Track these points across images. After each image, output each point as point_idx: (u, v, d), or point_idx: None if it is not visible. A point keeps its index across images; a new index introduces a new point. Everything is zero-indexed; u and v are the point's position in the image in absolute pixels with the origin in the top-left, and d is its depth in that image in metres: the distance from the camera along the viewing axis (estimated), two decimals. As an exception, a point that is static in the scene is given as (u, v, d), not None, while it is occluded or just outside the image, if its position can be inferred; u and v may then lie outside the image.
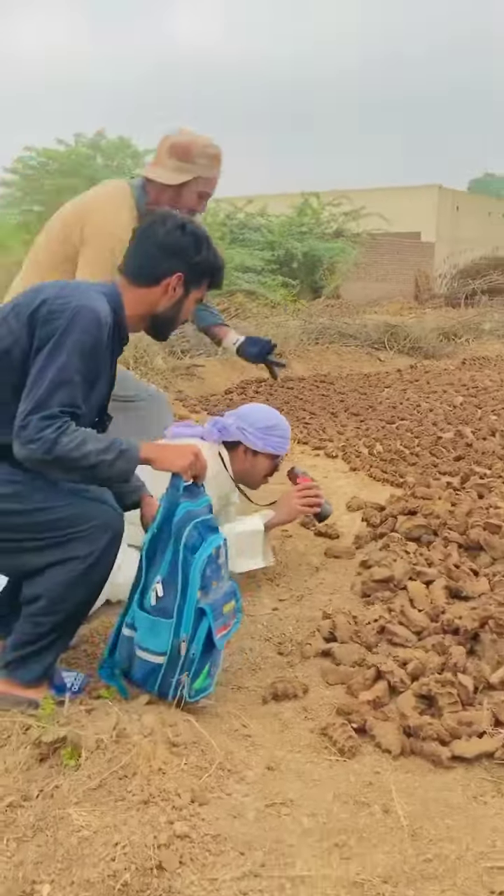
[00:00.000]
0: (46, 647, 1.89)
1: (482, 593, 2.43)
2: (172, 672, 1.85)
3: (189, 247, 2.01)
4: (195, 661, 1.85)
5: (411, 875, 1.47)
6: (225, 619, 1.95)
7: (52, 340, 1.81)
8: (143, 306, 2.02)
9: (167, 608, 1.86)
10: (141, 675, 1.89)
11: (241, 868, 1.45)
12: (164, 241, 1.99)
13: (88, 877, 1.42)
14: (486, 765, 1.79)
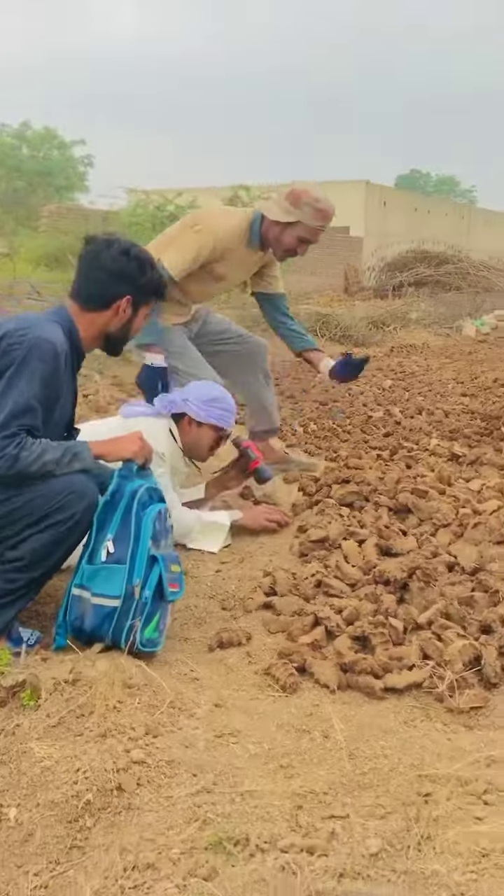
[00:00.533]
0: (12, 601, 1.99)
1: (410, 550, 2.60)
2: (126, 616, 1.96)
3: (135, 271, 2.17)
4: (147, 605, 1.97)
5: (349, 786, 1.62)
6: (173, 578, 2.08)
7: (12, 369, 1.98)
8: (96, 328, 2.19)
9: (120, 557, 2.00)
10: (96, 622, 1.99)
11: (194, 786, 1.57)
12: (111, 268, 2.15)
13: (53, 798, 1.53)
14: (415, 694, 1.96)
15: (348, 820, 1.50)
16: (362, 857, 1.39)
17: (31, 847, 1.47)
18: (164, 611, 2.08)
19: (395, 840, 1.44)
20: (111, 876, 1.34)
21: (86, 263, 2.18)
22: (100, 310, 2.16)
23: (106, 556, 2.02)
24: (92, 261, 2.17)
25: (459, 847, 1.42)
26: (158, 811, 1.51)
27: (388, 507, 2.96)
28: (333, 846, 1.41)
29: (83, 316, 2.16)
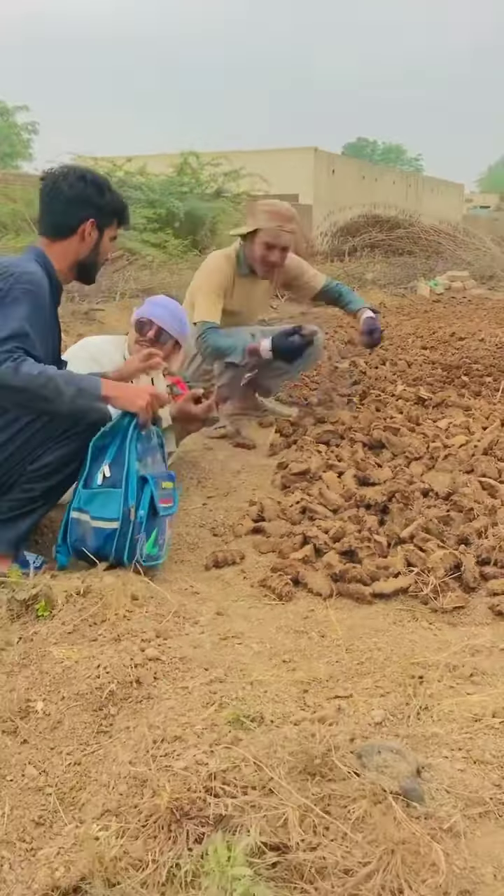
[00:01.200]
0: (27, 513, 2.10)
1: (387, 480, 2.75)
2: (125, 536, 2.06)
3: (94, 194, 2.25)
4: (143, 524, 2.07)
5: (349, 674, 1.77)
6: (165, 494, 2.18)
7: (8, 298, 2.04)
8: (69, 257, 2.26)
9: (116, 482, 2.09)
10: (99, 543, 2.08)
11: (207, 677, 1.70)
12: (70, 195, 2.23)
13: (77, 690, 1.64)
14: (401, 598, 2.11)
15: (352, 699, 1.65)
16: (368, 725, 1.54)
17: (60, 733, 1.58)
18: (161, 526, 2.17)
19: (396, 711, 1.59)
20: (142, 748, 1.46)
21: (46, 196, 2.26)
22: (67, 237, 2.24)
23: (102, 479, 2.10)
24: (51, 192, 2.24)
25: (454, 715, 1.58)
26: (177, 698, 1.63)
27: (362, 443, 3.10)
28: (341, 718, 1.56)
29: (53, 248, 2.24)
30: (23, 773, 1.49)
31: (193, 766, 1.38)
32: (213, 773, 1.36)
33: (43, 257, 2.22)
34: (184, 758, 1.41)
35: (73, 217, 2.22)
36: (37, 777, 1.48)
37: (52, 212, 2.24)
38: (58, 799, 1.44)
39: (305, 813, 1.28)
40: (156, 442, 2.22)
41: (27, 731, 1.59)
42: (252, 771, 1.37)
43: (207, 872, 1.20)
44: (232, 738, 1.45)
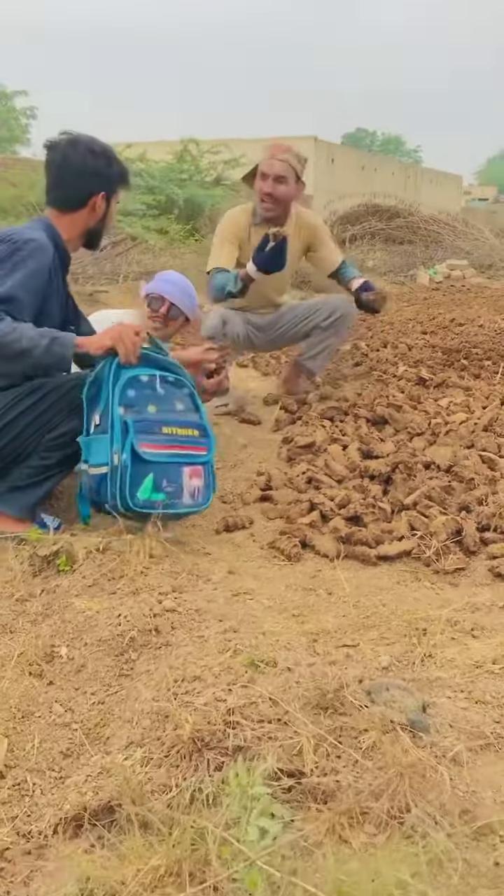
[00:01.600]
0: (43, 480, 2.18)
1: (389, 453, 2.84)
2: (115, 480, 2.08)
3: (103, 166, 2.31)
4: (128, 469, 2.07)
5: (356, 626, 1.86)
6: (173, 440, 2.17)
7: (8, 263, 2.12)
8: (77, 228, 2.34)
9: (105, 428, 2.14)
10: (95, 489, 2.14)
11: (222, 627, 1.79)
12: (79, 168, 2.28)
13: (99, 637, 1.73)
14: (405, 560, 2.21)
15: (359, 647, 1.74)
16: (376, 669, 1.63)
17: (84, 675, 1.67)
18: (161, 472, 2.11)
19: (401, 658, 1.69)
20: (163, 687, 1.55)
21: (55, 168, 2.29)
22: (77, 209, 2.30)
23: (94, 427, 2.17)
24: (61, 164, 2.28)
25: (456, 662, 1.67)
26: (194, 645, 1.72)
27: (366, 419, 3.19)
28: (350, 663, 1.65)
29: (62, 219, 2.30)
30: (50, 710, 1.58)
31: (213, 702, 1.48)
32: (231, 708, 1.46)
33: (50, 228, 2.28)
34: (204, 695, 1.51)
35: (84, 190, 2.28)
36: (63, 714, 1.57)
37: (62, 185, 2.29)
38: (84, 734, 1.53)
39: (319, 742, 1.37)
40: (188, 391, 2.26)
41: (52, 673, 1.69)
42: (268, 706, 1.46)
43: (228, 793, 1.29)
44: (248, 678, 1.54)
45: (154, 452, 2.12)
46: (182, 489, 2.14)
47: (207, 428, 2.27)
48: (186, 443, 2.19)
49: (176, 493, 2.13)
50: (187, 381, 2.28)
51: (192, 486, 2.16)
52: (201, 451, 2.22)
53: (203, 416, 2.29)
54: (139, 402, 2.16)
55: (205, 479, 2.20)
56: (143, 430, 2.12)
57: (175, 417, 2.21)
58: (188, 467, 2.17)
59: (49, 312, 2.25)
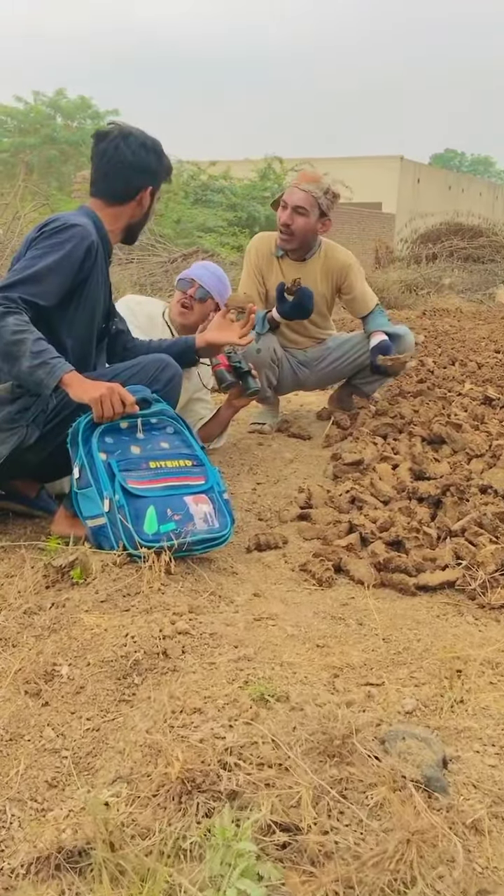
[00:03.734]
0: None
1: (443, 475, 2.65)
2: (116, 523, 1.94)
3: (154, 163, 2.27)
4: (125, 507, 1.92)
5: (384, 662, 1.69)
6: (162, 473, 2.03)
7: (44, 244, 2.11)
8: (121, 221, 2.30)
9: (86, 481, 2.01)
10: (99, 541, 2.02)
11: (236, 654, 1.65)
12: (133, 162, 2.23)
13: (103, 657, 1.61)
14: (447, 592, 2.02)
15: (384, 687, 1.57)
16: (398, 713, 1.46)
17: (82, 698, 1.55)
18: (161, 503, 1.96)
19: (429, 702, 1.51)
20: (160, 718, 1.42)
21: (106, 160, 2.24)
22: (123, 203, 2.26)
23: (76, 483, 2.04)
24: (112, 156, 2.23)
25: (491, 710, 1.49)
26: (202, 673, 1.58)
27: (421, 437, 3.00)
28: (370, 705, 1.48)
29: (107, 211, 2.27)
30: (41, 735, 1.47)
31: (210, 738, 1.34)
32: (229, 747, 1.32)
33: (96, 218, 2.25)
34: (201, 730, 1.37)
35: (132, 185, 2.25)
36: (54, 739, 1.46)
37: (113, 178, 2.24)
38: (73, 762, 1.41)
39: (320, 795, 1.22)
40: (174, 429, 2.15)
41: (50, 693, 1.58)
42: (269, 748, 1.31)
43: (212, 846, 1.15)
44: (252, 714, 1.40)
45: (144, 488, 1.97)
46: (191, 515, 1.96)
47: (202, 458, 2.13)
48: (178, 474, 2.04)
49: (185, 520, 1.95)
50: (174, 421, 2.16)
51: (202, 512, 1.99)
52: (198, 480, 2.06)
53: (196, 447, 2.16)
54: (120, 447, 2.04)
55: (214, 504, 2.04)
56: (128, 468, 1.99)
57: (161, 453, 2.07)
58: (189, 496, 2.00)
59: (93, 297, 2.22)
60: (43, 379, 1.98)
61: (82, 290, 2.19)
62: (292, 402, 4.04)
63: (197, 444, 2.16)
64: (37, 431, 2.15)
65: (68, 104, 36.25)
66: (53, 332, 2.17)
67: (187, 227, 13.19)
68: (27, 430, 2.15)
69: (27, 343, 1.96)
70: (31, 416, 2.15)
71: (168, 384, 2.26)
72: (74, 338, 2.23)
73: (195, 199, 15.90)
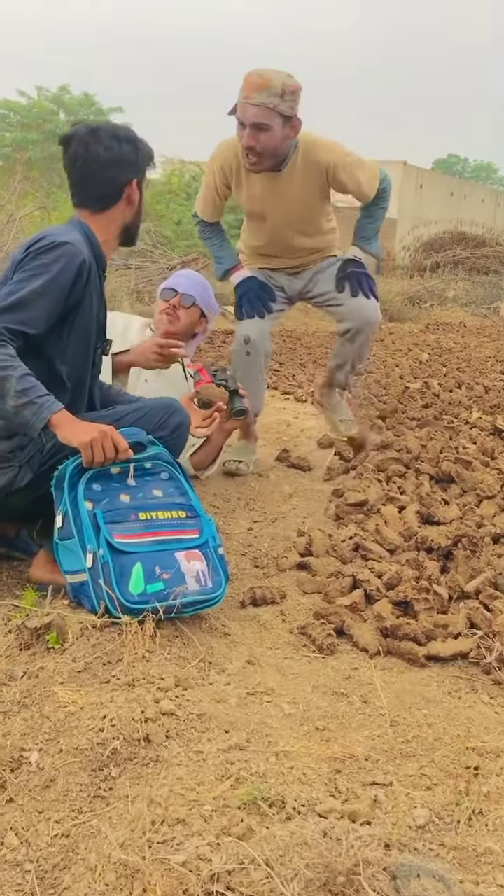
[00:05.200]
0: None
1: (453, 519, 2.48)
2: (98, 583, 1.78)
3: (131, 152, 2.06)
4: (109, 564, 1.76)
5: (391, 753, 1.52)
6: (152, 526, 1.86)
7: (30, 265, 1.93)
8: (114, 226, 2.11)
9: (69, 532, 1.85)
10: (80, 599, 1.85)
11: (226, 742, 1.47)
12: (109, 158, 2.03)
13: (77, 744, 1.43)
14: (460, 664, 1.84)
15: (391, 788, 1.40)
16: (409, 827, 1.29)
17: (52, 793, 1.37)
18: (150, 559, 1.78)
19: (443, 812, 1.34)
20: (138, 828, 1.24)
21: (80, 164, 2.04)
22: (112, 205, 2.08)
23: (57, 532, 1.88)
24: (85, 158, 2.03)
25: (513, 825, 1.31)
26: (188, 765, 1.41)
27: (429, 475, 2.83)
28: (377, 814, 1.31)
29: (97, 219, 2.08)
30: (2, 842, 1.29)
31: (194, 861, 1.16)
32: (215, 873, 1.14)
33: (88, 231, 2.06)
34: (184, 849, 1.19)
35: (116, 182, 2.05)
36: (17, 848, 1.28)
37: (92, 181, 2.05)
38: (37, 877, 1.24)
39: None
40: (168, 475, 1.98)
41: (16, 787, 1.40)
42: (262, 877, 1.14)
43: None
44: (244, 829, 1.22)
45: (132, 543, 1.79)
46: (182, 574, 1.79)
47: (197, 507, 1.95)
48: (170, 527, 1.86)
49: (175, 580, 1.78)
50: (169, 466, 1.99)
51: (194, 570, 1.81)
52: (192, 534, 1.88)
53: (191, 495, 1.98)
54: (108, 495, 1.86)
55: (208, 561, 1.87)
56: (114, 520, 1.81)
57: (153, 503, 1.90)
58: (182, 552, 1.83)
59: (87, 319, 2.04)
60: (29, 420, 1.80)
61: (76, 313, 2.01)
62: (292, 427, 3.86)
63: (193, 491, 1.98)
64: (30, 473, 1.97)
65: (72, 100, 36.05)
66: (46, 360, 1.99)
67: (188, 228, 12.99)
68: (20, 470, 1.97)
69: (11, 380, 1.78)
70: (25, 457, 1.97)
71: (175, 431, 2.09)
72: (69, 364, 2.05)
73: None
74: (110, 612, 1.74)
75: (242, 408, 2.72)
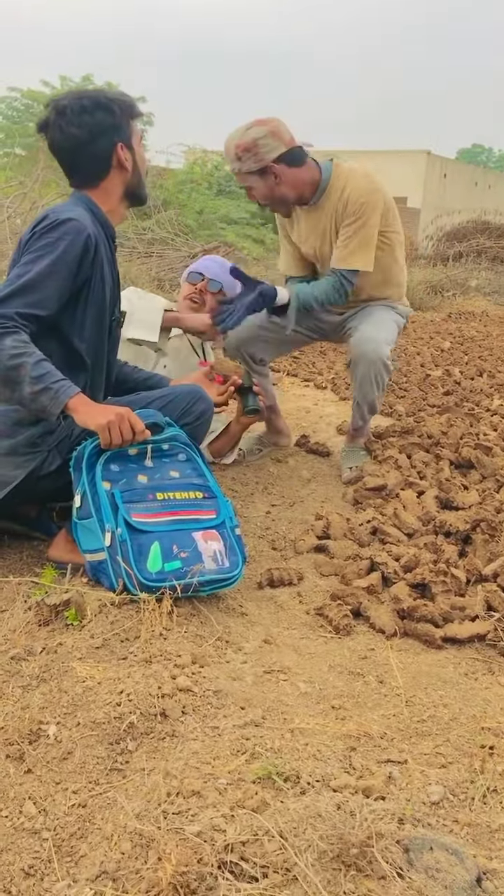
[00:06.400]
0: None
1: (472, 505, 2.47)
2: (116, 561, 1.79)
3: (105, 119, 2.03)
4: (127, 542, 1.77)
5: (407, 732, 1.52)
6: (170, 506, 1.88)
7: (36, 246, 1.92)
8: (115, 194, 2.10)
9: (87, 511, 1.86)
10: (99, 576, 1.86)
11: (242, 719, 1.48)
12: (84, 135, 2.01)
13: (94, 718, 1.45)
14: (477, 646, 1.84)
15: (406, 766, 1.40)
16: (423, 804, 1.29)
17: (69, 765, 1.39)
18: (167, 538, 1.80)
19: (457, 790, 1.34)
20: (154, 800, 1.26)
21: (59, 148, 2.05)
22: (106, 175, 2.07)
23: (76, 512, 1.89)
24: (62, 141, 2.03)
25: (528, 803, 1.31)
26: (204, 740, 1.42)
27: (449, 461, 2.82)
28: (391, 790, 1.31)
29: (97, 192, 2.08)
30: (20, 810, 1.31)
31: (209, 831, 1.17)
32: (230, 843, 1.15)
33: (90, 203, 2.07)
34: (199, 820, 1.20)
35: (101, 155, 2.04)
36: (35, 816, 1.30)
37: (78, 160, 2.05)
38: (54, 846, 1.25)
39: (333, 915, 1.05)
40: (186, 456, 1.99)
41: (34, 758, 1.42)
42: (275, 848, 1.14)
43: None
44: (258, 802, 1.23)
45: (149, 522, 1.81)
46: (199, 553, 1.80)
47: (214, 489, 1.96)
48: (187, 507, 1.87)
49: (192, 559, 1.79)
50: (186, 448, 2.00)
51: (212, 550, 1.81)
52: (209, 514, 1.89)
53: (209, 477, 1.99)
54: (126, 475, 1.88)
55: (225, 541, 1.88)
56: (132, 500, 1.83)
57: (170, 483, 1.91)
58: (199, 532, 1.84)
59: (99, 293, 2.04)
60: (46, 405, 1.81)
61: (88, 289, 2.01)
62: (311, 414, 3.86)
63: (210, 473, 1.99)
64: (58, 459, 1.99)
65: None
66: (64, 339, 2.00)
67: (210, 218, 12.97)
68: (48, 455, 1.99)
69: (27, 366, 1.79)
70: (53, 442, 1.99)
71: (199, 418, 2.10)
72: (87, 341, 2.05)
73: (218, 190, 15.67)
74: (128, 590, 1.75)
75: (255, 407, 2.70)
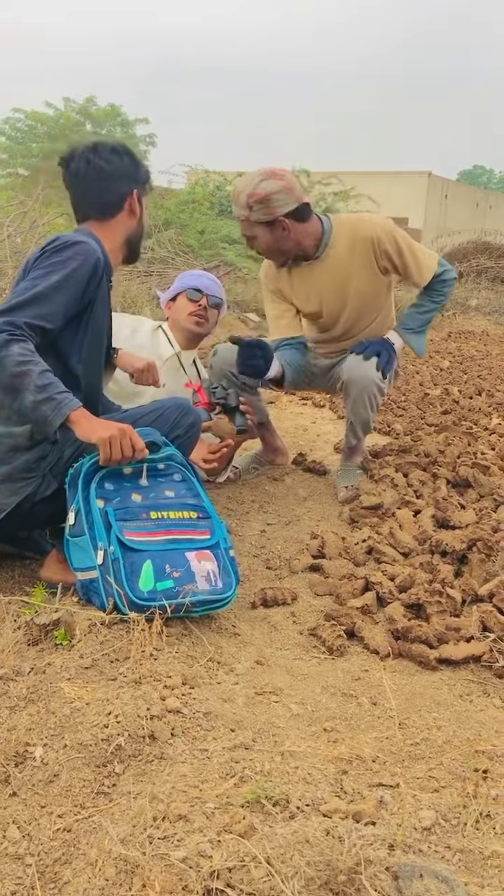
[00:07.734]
0: None
1: (469, 524, 2.45)
2: (107, 581, 1.77)
3: (130, 166, 2.15)
4: (120, 561, 1.75)
5: (399, 756, 1.49)
6: (163, 525, 1.86)
7: (46, 263, 1.95)
8: (118, 236, 2.16)
9: (80, 529, 1.84)
10: (89, 595, 1.84)
11: (232, 741, 1.46)
12: (110, 170, 2.11)
13: (82, 740, 1.43)
14: (472, 668, 1.81)
15: (398, 790, 1.37)
16: (414, 829, 1.26)
17: (55, 788, 1.37)
18: (160, 557, 1.77)
19: (450, 815, 1.31)
20: (140, 824, 1.23)
21: (81, 177, 2.11)
22: (115, 214, 2.13)
23: (69, 529, 1.87)
24: (87, 172, 2.10)
25: (522, 829, 1.29)
26: (193, 763, 1.40)
27: (446, 479, 2.80)
28: (382, 815, 1.29)
29: (102, 229, 2.13)
30: (4, 835, 1.29)
31: (195, 857, 1.15)
32: (216, 870, 1.13)
33: (94, 236, 2.10)
34: (185, 845, 1.18)
35: (117, 192, 2.12)
36: (19, 841, 1.28)
37: (95, 192, 2.12)
38: (38, 872, 1.23)
39: None
40: (181, 476, 1.98)
41: (19, 781, 1.39)
42: (262, 875, 1.12)
43: None
44: (246, 827, 1.21)
45: (143, 541, 1.79)
46: (192, 573, 1.77)
47: (209, 509, 1.94)
48: (181, 527, 1.85)
49: (185, 579, 1.76)
50: (182, 468, 1.98)
51: (205, 570, 1.79)
52: (203, 534, 1.87)
53: (204, 497, 1.97)
54: (120, 494, 1.86)
55: (219, 561, 1.86)
56: (125, 518, 1.81)
57: (165, 503, 1.89)
58: (192, 552, 1.82)
59: (100, 319, 2.08)
60: (48, 416, 1.79)
61: (89, 312, 2.02)
62: (308, 432, 3.85)
63: (205, 493, 1.97)
64: (54, 483, 1.96)
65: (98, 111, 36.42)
66: (62, 358, 2.00)
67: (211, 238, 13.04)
68: (43, 480, 1.97)
69: (32, 374, 1.78)
70: (47, 466, 1.97)
71: (189, 430, 2.10)
72: (85, 364, 2.06)
73: (220, 210, 15.79)
74: (119, 609, 1.73)
75: (242, 426, 2.69)
